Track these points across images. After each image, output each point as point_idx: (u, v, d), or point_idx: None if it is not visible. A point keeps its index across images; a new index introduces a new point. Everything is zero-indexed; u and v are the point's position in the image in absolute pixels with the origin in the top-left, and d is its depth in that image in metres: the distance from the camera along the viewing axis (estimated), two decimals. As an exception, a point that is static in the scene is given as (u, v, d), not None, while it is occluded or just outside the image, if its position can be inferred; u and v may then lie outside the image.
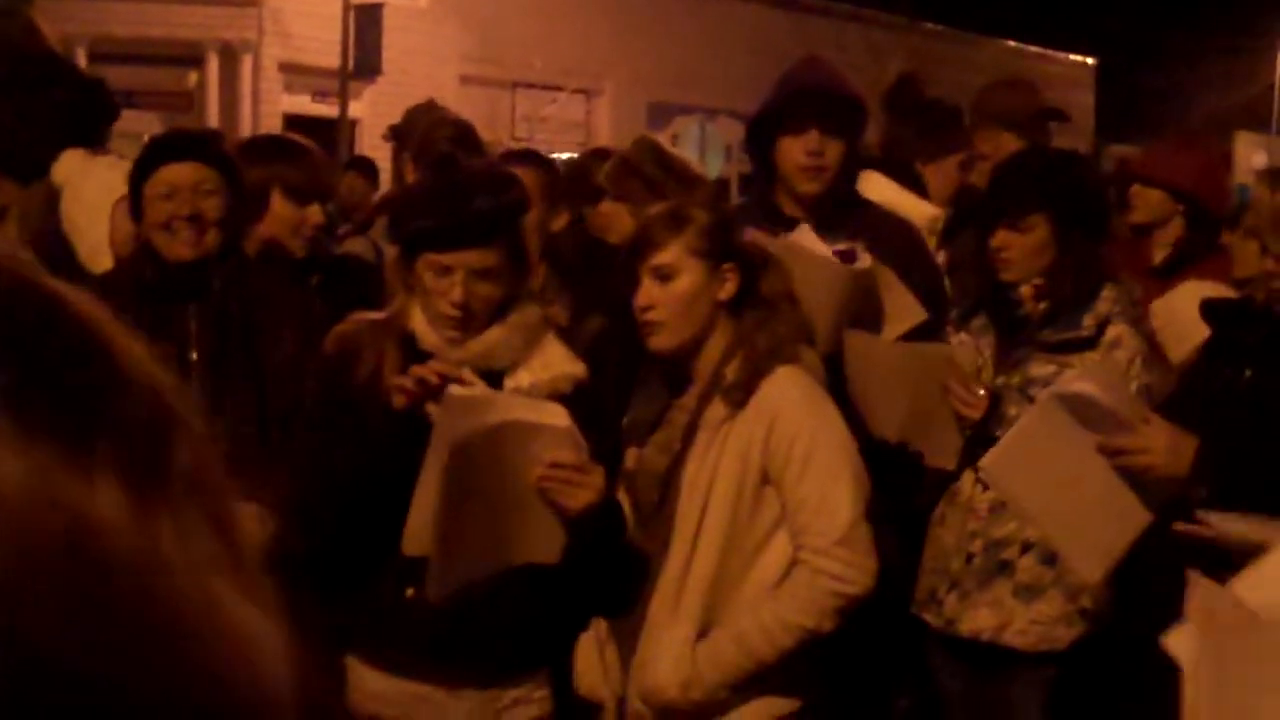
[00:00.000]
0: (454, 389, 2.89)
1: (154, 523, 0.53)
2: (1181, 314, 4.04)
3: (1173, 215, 4.96)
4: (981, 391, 3.74)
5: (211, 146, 3.87)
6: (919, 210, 4.94)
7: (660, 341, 3.27)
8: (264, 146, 4.60)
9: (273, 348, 3.69)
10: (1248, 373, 3.23)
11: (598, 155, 5.47)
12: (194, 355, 3.65)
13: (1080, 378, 3.30)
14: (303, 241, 4.27)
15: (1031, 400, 3.54)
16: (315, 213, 4.29)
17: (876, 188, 4.90)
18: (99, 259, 4.21)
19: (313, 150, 4.46)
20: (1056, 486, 3.29)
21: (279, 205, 4.21)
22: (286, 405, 3.57)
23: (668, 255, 3.24)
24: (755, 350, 3.22)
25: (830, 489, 3.14)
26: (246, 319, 3.71)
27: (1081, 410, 3.20)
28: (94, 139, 4.50)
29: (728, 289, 3.27)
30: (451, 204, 3.05)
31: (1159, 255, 4.94)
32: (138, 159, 3.83)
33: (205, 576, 0.54)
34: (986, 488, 3.71)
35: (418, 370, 2.97)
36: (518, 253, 3.14)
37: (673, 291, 3.24)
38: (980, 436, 3.67)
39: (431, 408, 2.94)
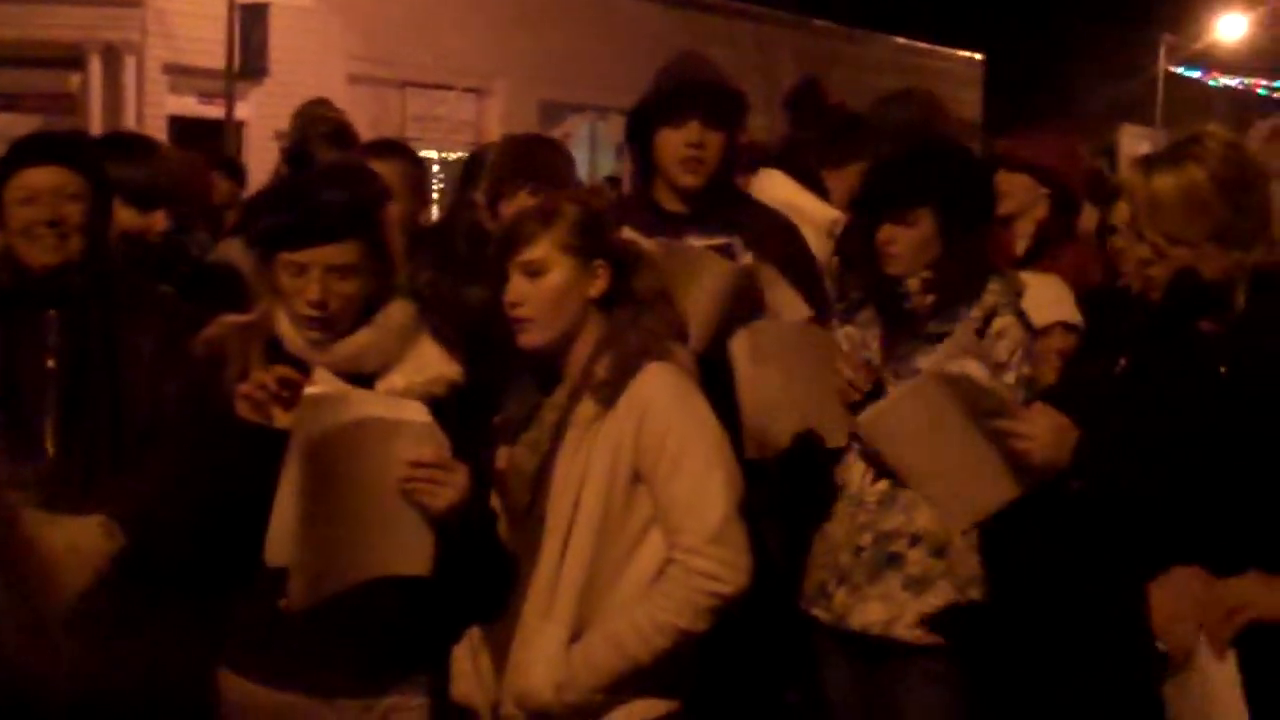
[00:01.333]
0: (309, 388, 2.81)
1: None
2: None
3: (1037, 200, 4.95)
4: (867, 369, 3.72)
5: (75, 150, 3.72)
6: (820, 211, 4.92)
7: (530, 338, 3.21)
8: (105, 147, 4.32)
9: (131, 359, 3.56)
10: (1122, 362, 3.23)
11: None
12: (51, 364, 3.54)
13: (964, 359, 3.29)
14: (149, 248, 4.09)
15: None
16: (160, 219, 4.11)
17: (777, 186, 4.89)
18: None
19: (160, 151, 4.27)
20: (930, 449, 3.28)
21: (120, 211, 3.98)
22: (142, 417, 3.47)
23: (538, 251, 3.18)
24: (626, 347, 3.17)
25: (702, 486, 3.09)
26: (107, 327, 3.58)
27: (964, 391, 3.19)
28: None
29: (598, 285, 3.21)
30: (301, 200, 2.98)
31: (1021, 246, 4.92)
32: None
33: None
34: (875, 480, 3.70)
35: (257, 379, 2.88)
36: (378, 248, 3.06)
37: (542, 288, 3.18)
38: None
39: (282, 415, 2.86)
